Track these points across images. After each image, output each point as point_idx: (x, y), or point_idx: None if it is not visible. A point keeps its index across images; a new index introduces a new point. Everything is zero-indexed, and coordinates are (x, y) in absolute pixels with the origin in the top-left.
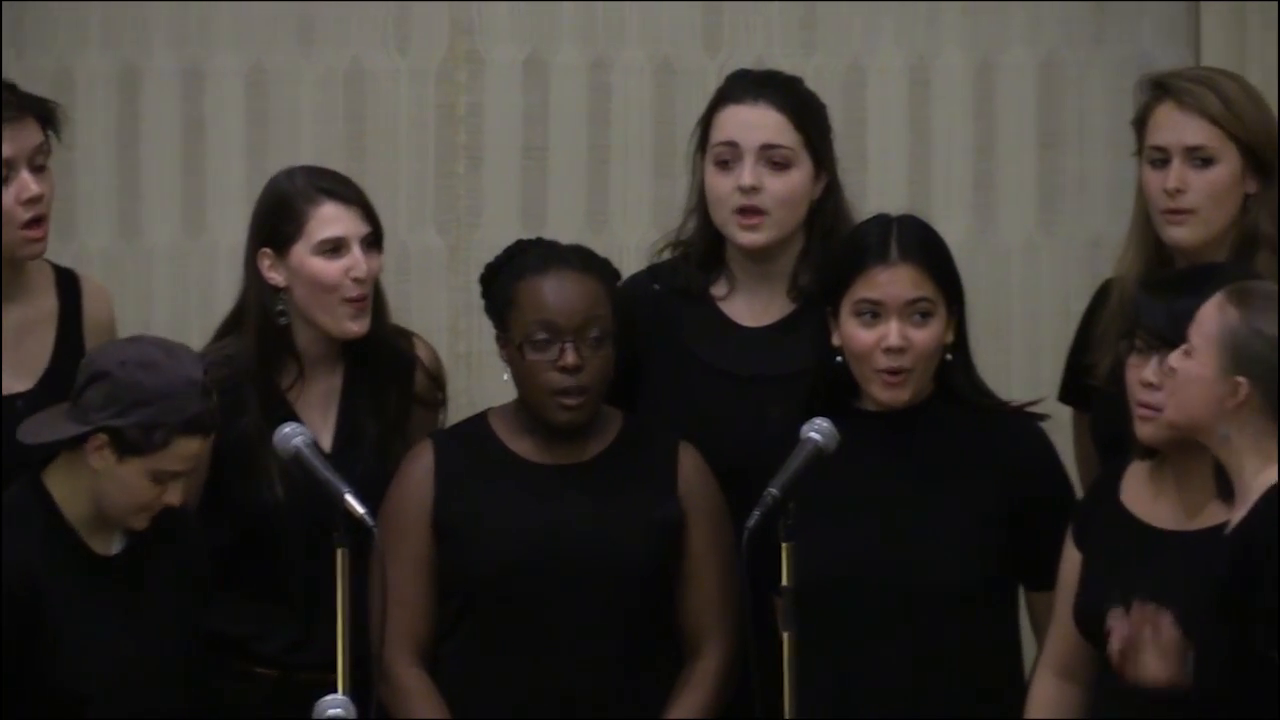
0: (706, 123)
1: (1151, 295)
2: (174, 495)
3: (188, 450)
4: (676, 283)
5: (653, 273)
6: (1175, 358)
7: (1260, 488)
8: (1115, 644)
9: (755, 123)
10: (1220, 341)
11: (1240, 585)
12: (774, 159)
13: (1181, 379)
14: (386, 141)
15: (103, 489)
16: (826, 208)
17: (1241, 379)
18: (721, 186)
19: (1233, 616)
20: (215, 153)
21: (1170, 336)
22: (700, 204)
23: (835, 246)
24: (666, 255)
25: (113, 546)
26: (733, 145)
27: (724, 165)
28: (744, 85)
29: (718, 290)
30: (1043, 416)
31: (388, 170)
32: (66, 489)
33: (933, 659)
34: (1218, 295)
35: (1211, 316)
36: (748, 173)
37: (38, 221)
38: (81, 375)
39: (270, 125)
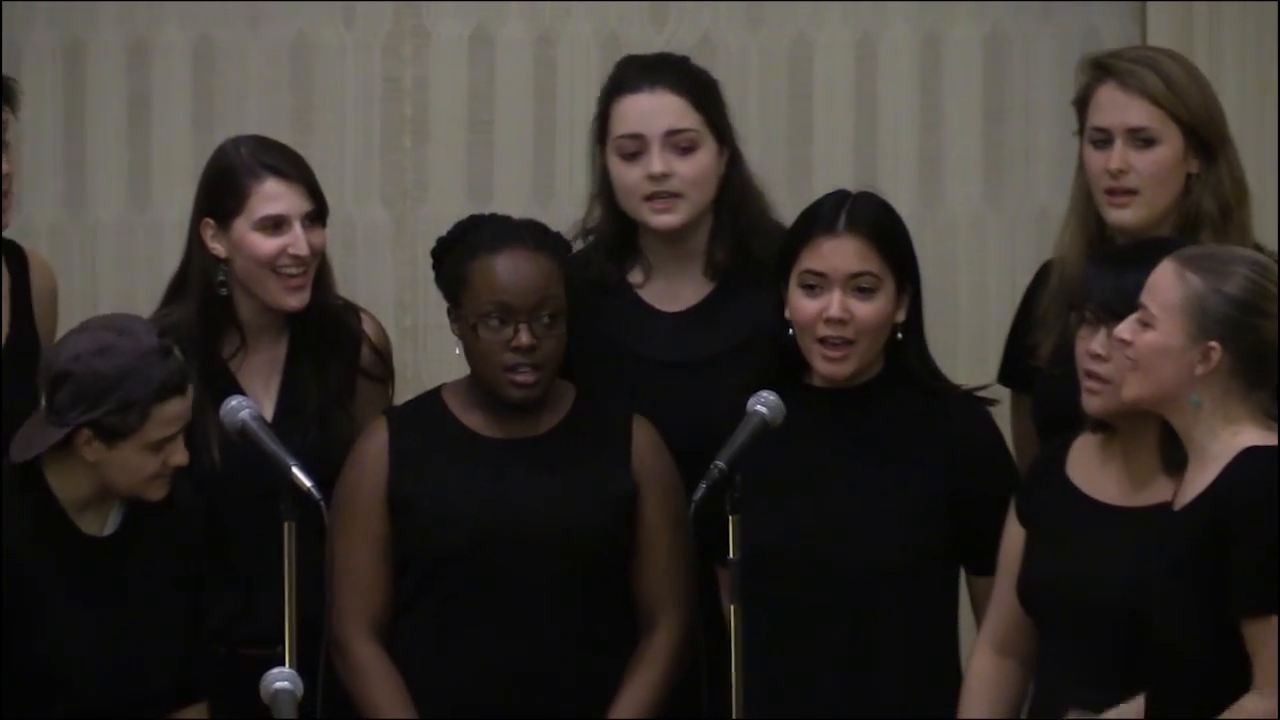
0: (604, 114)
1: (1101, 268)
2: (180, 455)
3: (170, 413)
4: (591, 275)
5: (568, 266)
6: (1129, 330)
7: (1228, 453)
8: None
9: (657, 110)
10: (1185, 308)
11: (1211, 552)
12: (680, 144)
13: (1145, 352)
14: (333, 115)
15: (108, 476)
16: (732, 182)
17: (1214, 343)
18: (629, 176)
19: (1202, 585)
20: (161, 126)
21: (1119, 309)
22: (604, 193)
23: (755, 223)
24: (578, 246)
25: (105, 528)
26: (637, 137)
27: (630, 156)
28: (638, 73)
29: (634, 278)
30: (992, 401)
31: (334, 144)
32: (63, 475)
33: (872, 635)
34: (1169, 264)
35: (1170, 284)
36: (656, 161)
37: None
38: (44, 382)
39: (216, 99)
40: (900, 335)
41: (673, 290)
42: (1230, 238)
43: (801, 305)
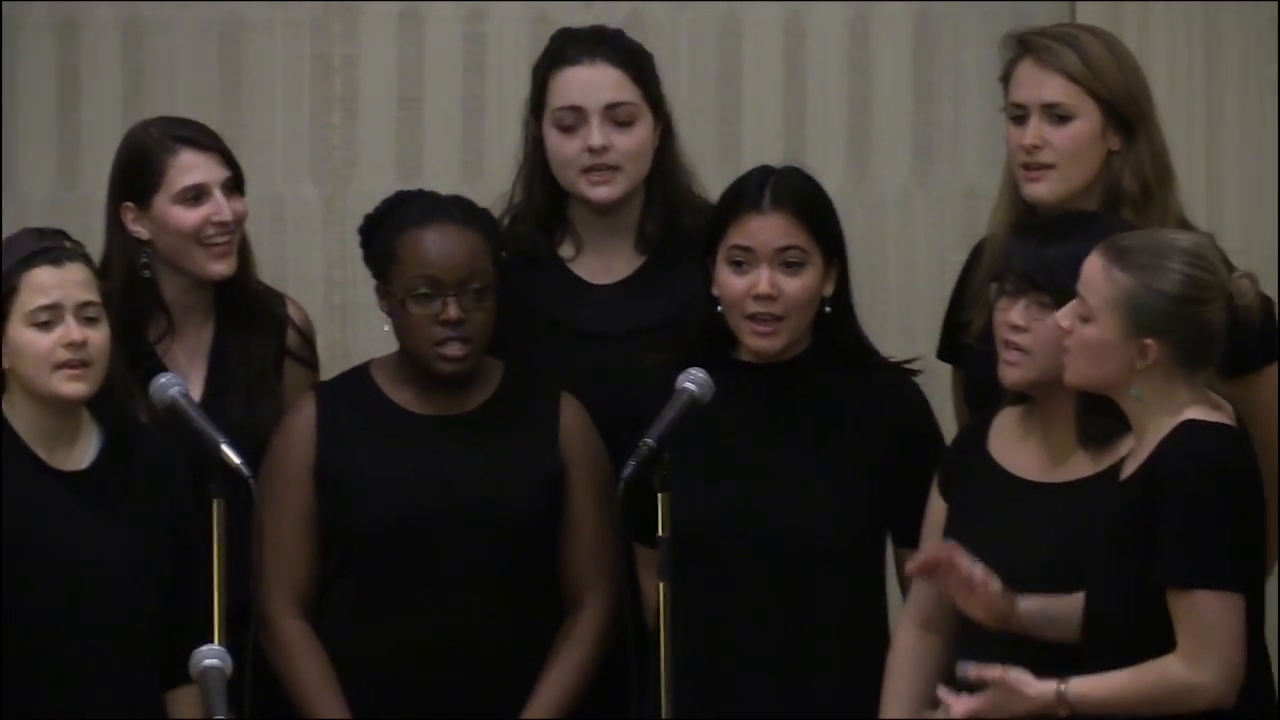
0: (540, 86)
1: (1021, 239)
2: (73, 333)
3: (41, 281)
4: (521, 249)
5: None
6: (1068, 318)
7: (1168, 427)
8: (922, 566)
9: (596, 82)
10: (1118, 306)
11: (1142, 521)
12: (619, 117)
13: (1085, 346)
14: (262, 92)
15: (17, 371)
16: (665, 156)
17: (1149, 341)
18: (567, 149)
19: (1133, 553)
20: (90, 104)
21: (1041, 280)
22: (537, 165)
23: (684, 198)
24: (507, 223)
25: (83, 461)
26: (576, 109)
27: (568, 129)
28: (576, 45)
29: (565, 252)
30: (916, 371)
31: (263, 121)
32: (14, 409)
33: (800, 610)
34: (1099, 258)
35: (1101, 281)
36: (595, 133)
37: None
38: None
39: (146, 76)
40: (828, 309)
41: (604, 263)
42: (1151, 217)
43: (729, 282)
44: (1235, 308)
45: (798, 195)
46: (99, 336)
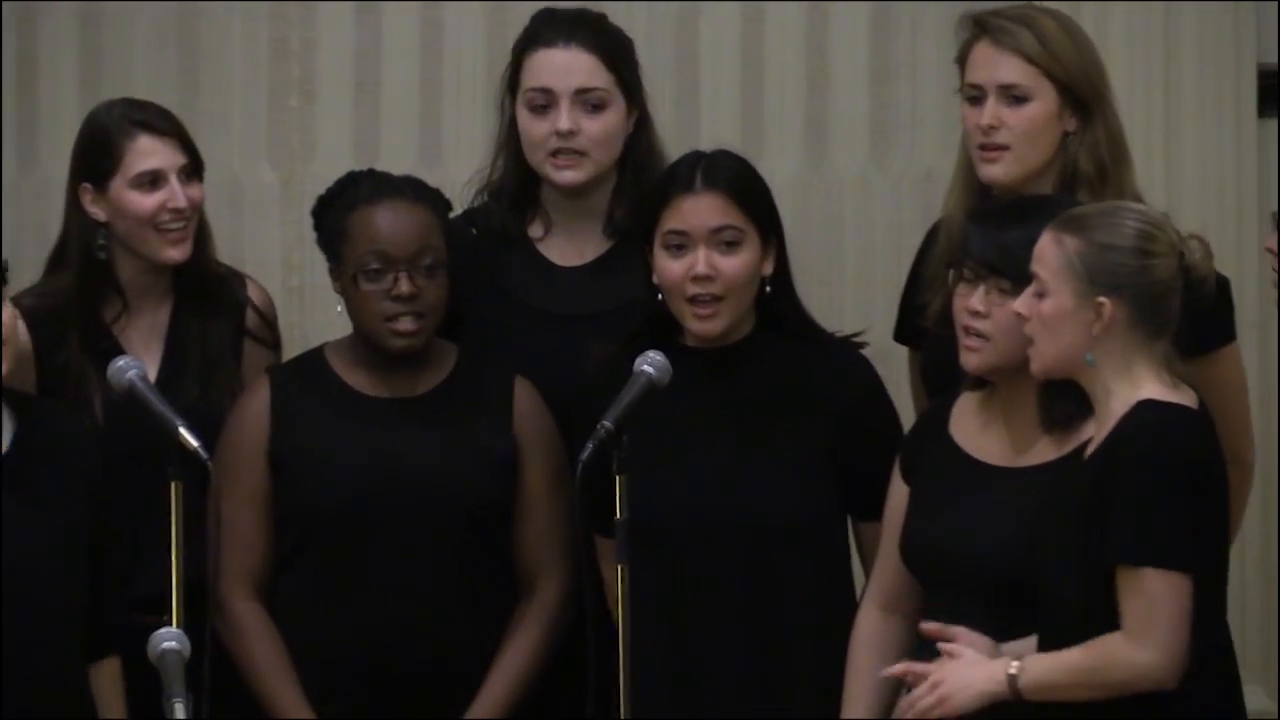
0: (516, 65)
1: (979, 225)
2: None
3: None
4: (492, 226)
5: (469, 218)
6: (1025, 303)
7: (1126, 407)
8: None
9: (569, 66)
10: (1070, 270)
11: (1099, 500)
12: (589, 101)
13: (1041, 321)
14: (220, 76)
15: None
16: (639, 143)
17: (1103, 299)
18: (537, 130)
19: (1091, 533)
20: (48, 87)
21: (999, 265)
22: (511, 143)
23: (650, 183)
24: (481, 201)
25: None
26: (547, 90)
27: (539, 110)
28: (553, 27)
29: (534, 232)
30: (862, 344)
31: (221, 105)
32: None
33: (765, 593)
34: (1049, 230)
35: (1051, 250)
36: (564, 117)
37: None
38: None
39: (104, 59)
40: (769, 289)
41: (571, 245)
42: (1107, 198)
43: (667, 267)
44: (1188, 267)
45: (729, 175)
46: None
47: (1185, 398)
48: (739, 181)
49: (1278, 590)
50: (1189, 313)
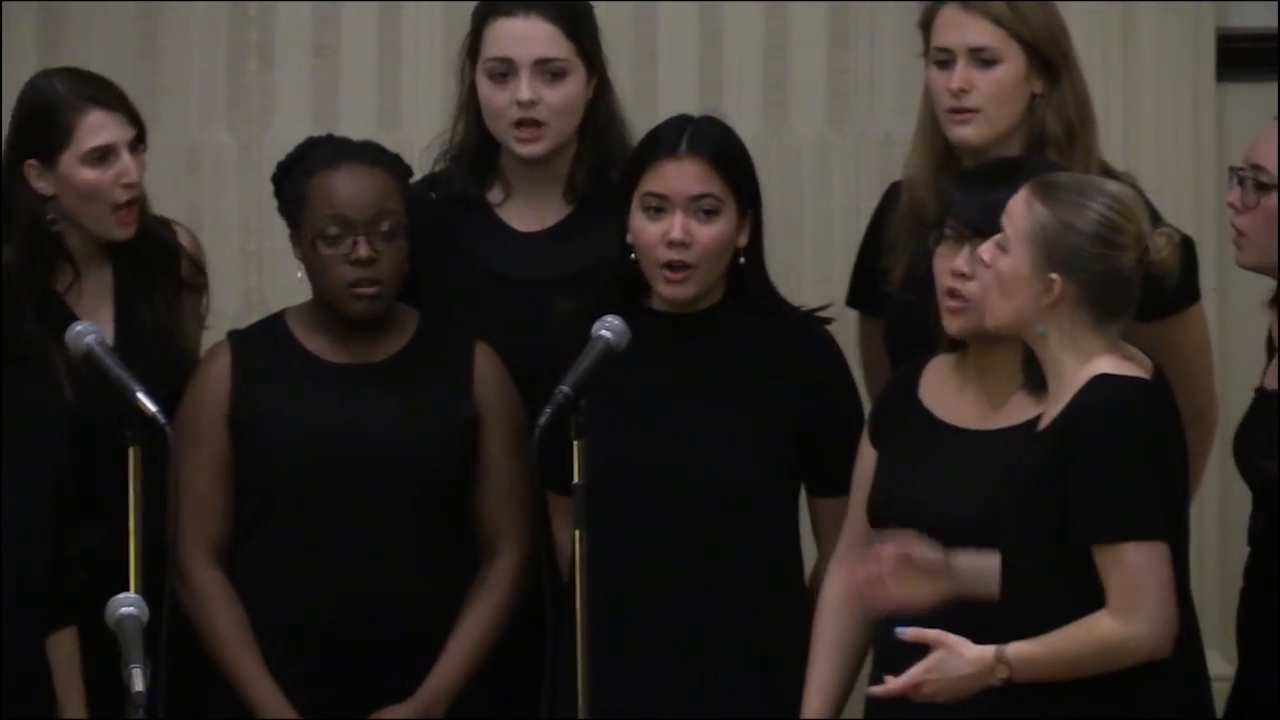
0: (476, 32)
1: (964, 186)
2: None
3: None
4: (452, 190)
5: (429, 182)
6: (988, 250)
7: (1079, 382)
8: (861, 582)
9: (528, 36)
10: (1031, 238)
11: (1057, 476)
12: (549, 70)
13: (999, 278)
14: (179, 40)
15: None
16: (599, 109)
17: (1055, 275)
18: (497, 99)
19: (1049, 508)
20: (6, 53)
21: (984, 227)
22: (470, 109)
23: (617, 150)
24: (441, 165)
25: None
26: (507, 60)
27: (499, 78)
28: None
29: (494, 197)
30: (828, 320)
31: (180, 69)
32: None
33: (714, 559)
34: (1024, 190)
35: (1021, 213)
36: (524, 86)
37: None
38: None
39: (64, 25)
40: (742, 260)
41: (531, 211)
42: (1075, 157)
43: (644, 228)
44: (1149, 262)
45: (715, 144)
46: None
47: (1139, 369)
48: (724, 151)
49: (1238, 559)
50: (1149, 281)
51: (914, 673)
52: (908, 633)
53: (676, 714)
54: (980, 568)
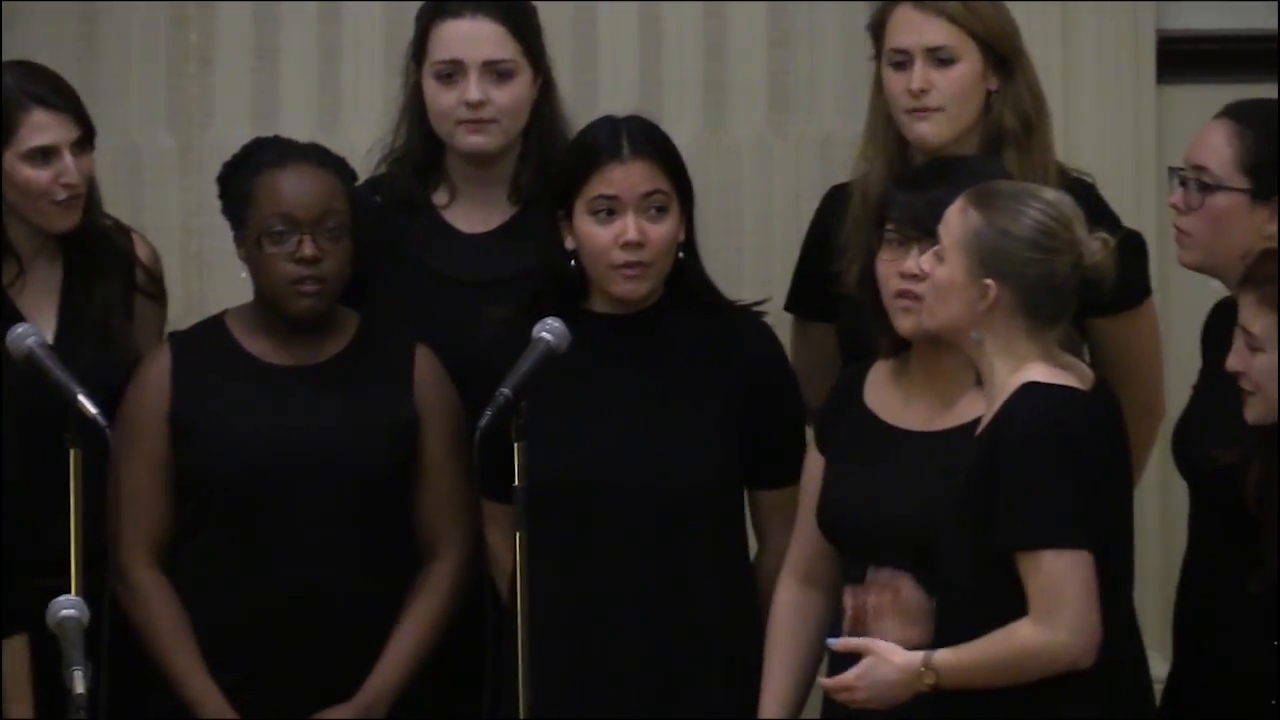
0: (422, 35)
1: (903, 188)
2: None
3: None
4: (397, 193)
5: (373, 185)
6: (927, 260)
7: (1010, 388)
8: (849, 611)
9: (476, 37)
10: (965, 245)
11: (985, 482)
12: (497, 71)
13: (935, 286)
14: (118, 42)
15: None
16: (544, 110)
17: (990, 281)
18: (444, 101)
19: (978, 514)
20: None
21: (930, 224)
22: (415, 111)
23: (560, 150)
24: (384, 168)
25: None
26: (455, 62)
27: (446, 79)
28: None
29: (439, 198)
30: (763, 313)
31: (120, 70)
32: None
33: (666, 558)
34: (960, 199)
35: (956, 220)
36: (474, 88)
37: None
38: None
39: (2, 26)
40: (681, 255)
41: (477, 212)
42: (1034, 153)
43: (594, 233)
44: (1084, 268)
45: (655, 142)
46: None
47: (1074, 378)
48: (664, 148)
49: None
50: (1087, 281)
51: (846, 679)
52: (837, 644)
53: (634, 715)
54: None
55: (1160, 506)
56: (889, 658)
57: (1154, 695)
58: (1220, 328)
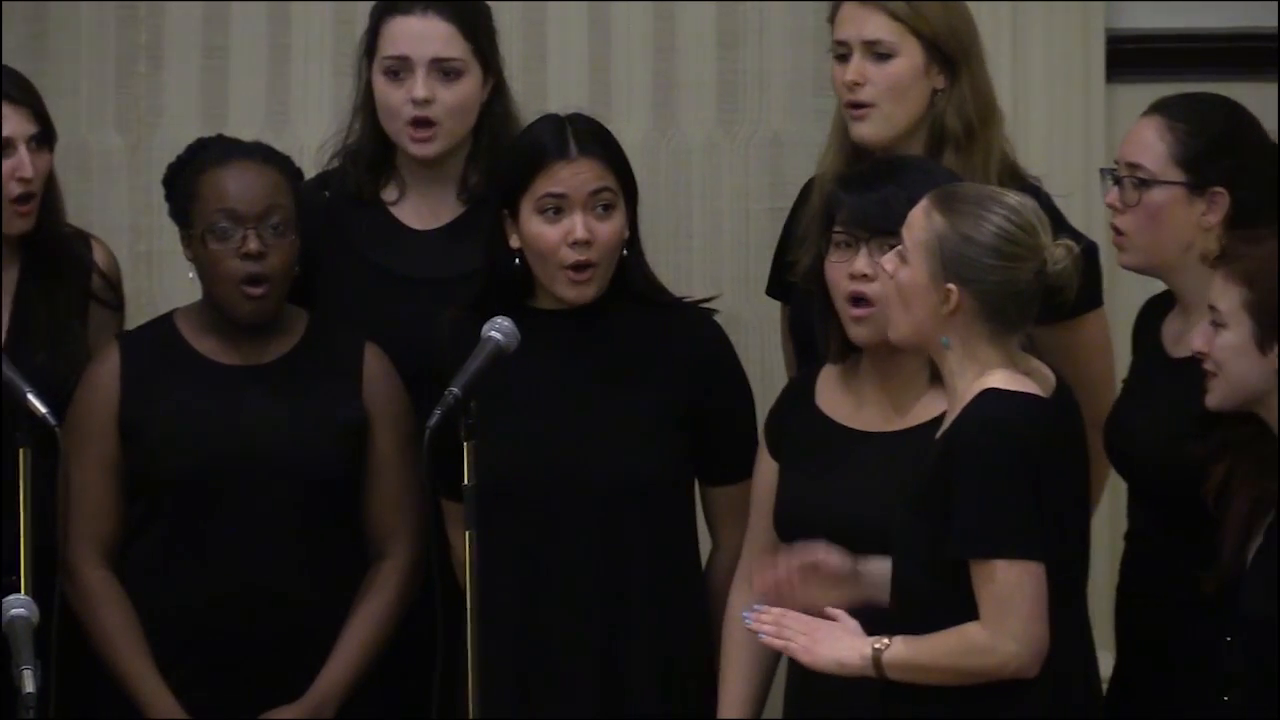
0: (374, 30)
1: (848, 189)
2: None
3: None
4: (347, 188)
5: (322, 180)
6: (890, 261)
7: (971, 394)
8: (769, 594)
9: (425, 35)
10: (929, 248)
11: (941, 488)
12: (445, 69)
13: (899, 289)
14: (67, 41)
15: None
16: (494, 110)
17: (952, 286)
18: (393, 97)
19: (933, 518)
20: None
21: (877, 224)
22: (367, 107)
23: (507, 149)
24: (336, 164)
25: None
26: (403, 58)
27: (394, 76)
28: None
29: (388, 195)
30: (713, 310)
31: (69, 70)
32: None
33: (613, 554)
34: (924, 201)
35: (919, 223)
36: (420, 86)
37: None
38: None
39: None
40: (625, 252)
41: (424, 209)
42: (974, 156)
43: (542, 231)
44: (1047, 274)
45: (601, 140)
46: None
47: (1035, 384)
48: (610, 145)
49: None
50: (1050, 288)
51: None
52: (750, 621)
53: (581, 713)
54: (888, 574)
55: (1111, 502)
56: (848, 622)
57: (1101, 699)
58: (1152, 322)
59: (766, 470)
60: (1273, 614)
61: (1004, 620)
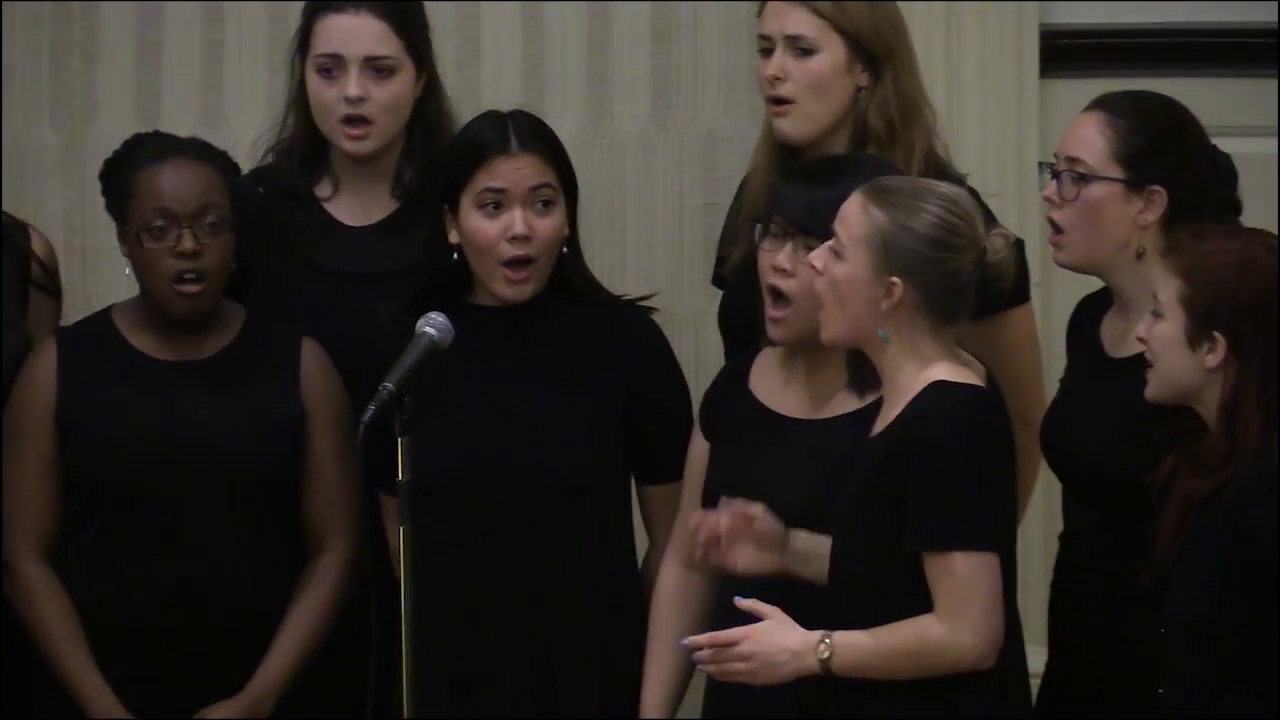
0: (307, 27)
1: (789, 183)
2: None
3: None
4: (280, 184)
5: (256, 176)
6: (820, 257)
7: (916, 388)
8: (701, 536)
9: (358, 32)
10: (868, 242)
11: (890, 482)
12: (378, 67)
13: (834, 285)
14: (1, 37)
15: None
16: (428, 106)
17: (895, 279)
18: (326, 95)
19: (882, 513)
20: None
21: (808, 224)
22: (301, 103)
23: (448, 144)
24: (270, 159)
25: None
26: (336, 56)
27: (327, 73)
28: None
29: (322, 191)
30: (652, 309)
31: (2, 66)
32: None
33: (548, 551)
34: (858, 194)
35: (856, 217)
36: (353, 84)
37: None
38: None
39: None
40: (564, 249)
41: (359, 205)
42: (896, 156)
43: (482, 226)
44: (987, 264)
45: (542, 137)
46: None
47: (975, 376)
48: (550, 141)
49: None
50: (987, 278)
51: (735, 631)
52: (745, 603)
53: (518, 712)
54: (815, 550)
55: (1045, 496)
56: (788, 625)
57: (1031, 692)
58: (1087, 321)
59: (699, 449)
60: (1196, 613)
61: (963, 612)
